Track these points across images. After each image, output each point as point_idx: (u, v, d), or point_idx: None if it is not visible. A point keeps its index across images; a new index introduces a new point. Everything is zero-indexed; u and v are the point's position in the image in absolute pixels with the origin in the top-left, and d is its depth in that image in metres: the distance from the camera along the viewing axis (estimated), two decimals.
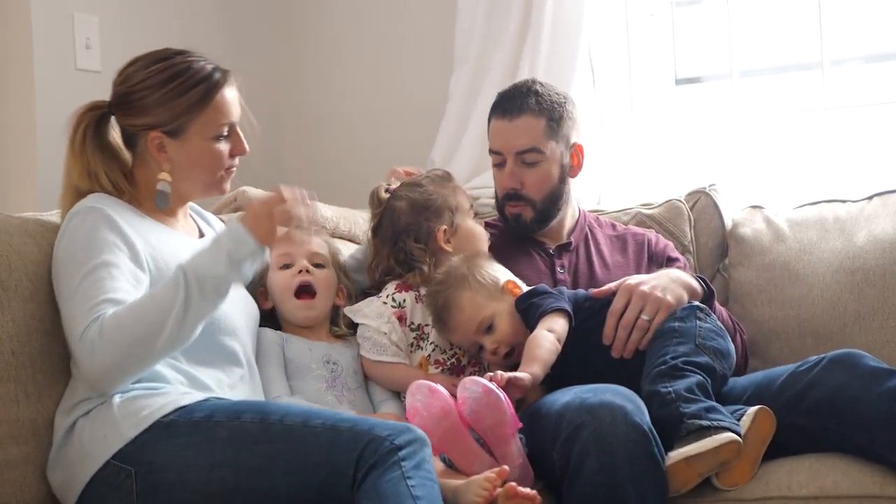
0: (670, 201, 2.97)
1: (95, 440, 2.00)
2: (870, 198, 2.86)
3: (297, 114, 3.67)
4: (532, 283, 2.46)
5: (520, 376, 2.14)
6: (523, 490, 1.97)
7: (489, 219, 2.78)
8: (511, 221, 2.65)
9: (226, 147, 2.26)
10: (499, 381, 2.09)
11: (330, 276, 2.43)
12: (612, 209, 3.01)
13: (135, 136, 2.23)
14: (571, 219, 2.72)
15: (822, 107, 3.15)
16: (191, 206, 2.40)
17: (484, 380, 2.09)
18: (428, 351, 2.39)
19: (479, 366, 2.42)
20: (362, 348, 2.38)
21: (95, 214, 2.12)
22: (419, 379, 2.22)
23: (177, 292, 1.99)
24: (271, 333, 2.37)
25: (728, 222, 2.96)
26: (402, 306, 2.40)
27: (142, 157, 2.23)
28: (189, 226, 2.35)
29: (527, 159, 2.59)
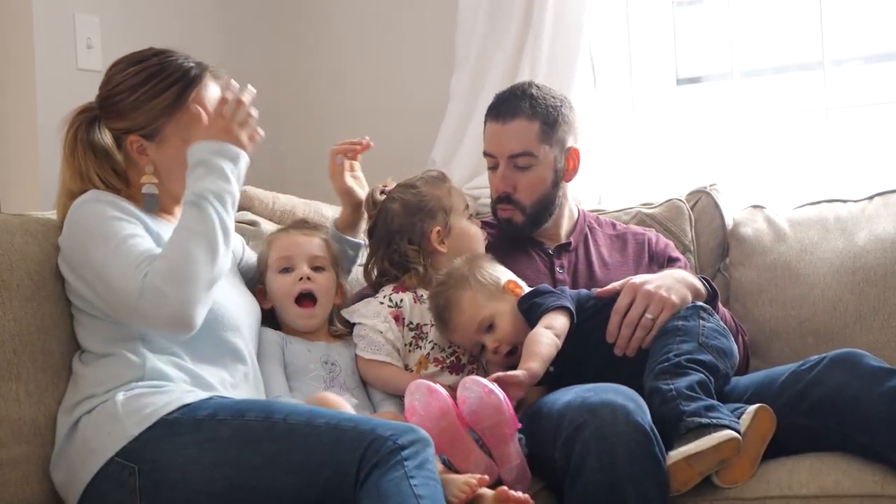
0: (671, 201, 2.97)
1: (99, 437, 2.00)
2: (871, 198, 2.86)
3: (298, 113, 3.67)
4: (531, 283, 2.46)
5: (514, 374, 2.14)
6: (515, 494, 1.97)
7: (489, 218, 2.78)
8: (503, 224, 2.65)
9: None
10: (500, 381, 2.10)
11: (330, 279, 2.42)
12: (613, 209, 3.01)
13: (119, 139, 2.22)
14: (569, 220, 2.72)
15: (823, 107, 3.15)
16: None
17: (485, 380, 2.09)
18: (427, 349, 2.39)
19: (477, 364, 2.43)
20: (358, 347, 2.39)
21: (102, 203, 2.12)
22: (407, 381, 2.24)
23: (203, 211, 2.04)
24: (272, 334, 2.37)
25: (729, 222, 2.96)
26: (399, 306, 2.41)
27: (129, 159, 2.22)
28: None
29: (519, 163, 2.59)
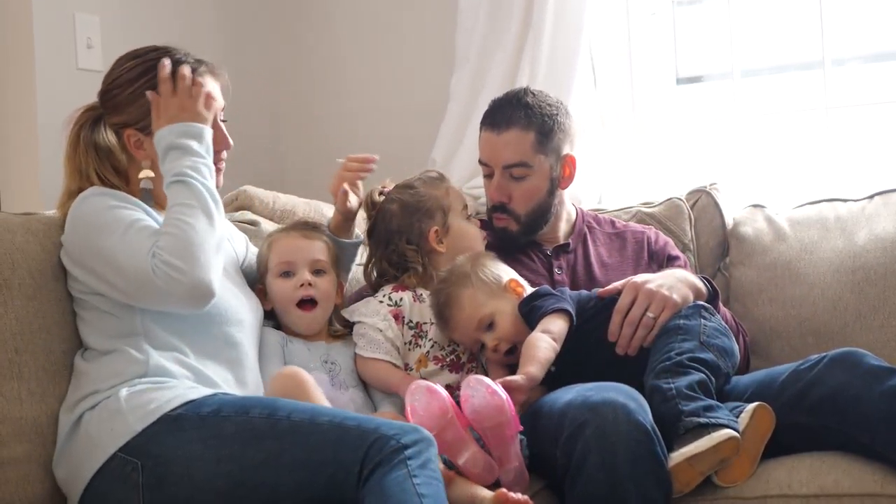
0: (670, 200, 2.97)
1: (102, 432, 2.00)
2: (871, 197, 2.86)
3: (298, 113, 3.67)
4: (530, 284, 2.46)
5: (514, 378, 2.14)
6: (514, 496, 1.97)
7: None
8: (498, 233, 2.64)
9: None
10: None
11: (331, 281, 2.41)
12: (613, 208, 3.01)
13: (120, 136, 2.23)
14: (567, 222, 2.71)
15: (823, 106, 3.14)
16: None
17: (489, 380, 2.09)
18: (427, 348, 2.39)
19: (477, 363, 2.43)
20: (357, 346, 2.39)
21: (103, 195, 2.14)
22: (398, 378, 2.26)
23: (188, 186, 2.08)
24: (273, 333, 2.37)
25: (729, 221, 2.96)
26: (398, 305, 2.41)
27: (129, 155, 2.23)
28: None
29: (514, 173, 2.57)
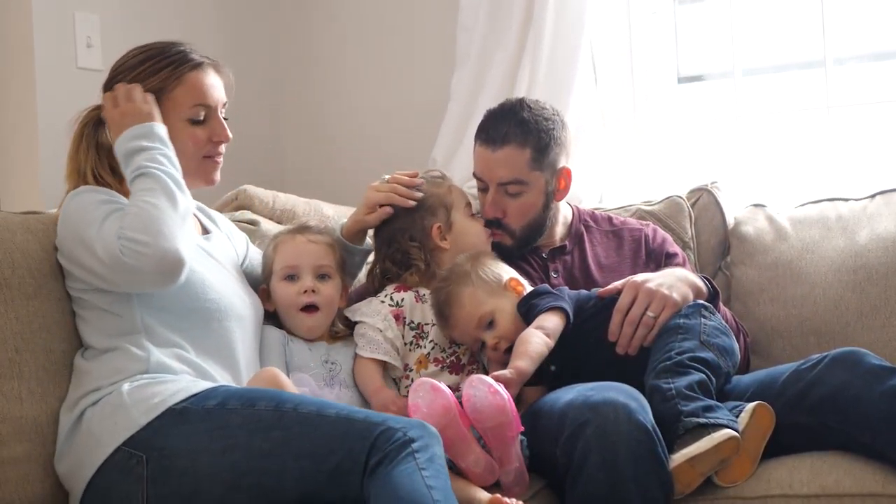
0: (670, 197, 2.96)
1: (105, 427, 2.01)
2: (872, 196, 2.86)
3: (298, 113, 3.67)
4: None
5: (502, 373, 2.14)
6: (509, 501, 1.97)
7: None
8: (493, 247, 2.60)
9: (203, 132, 2.26)
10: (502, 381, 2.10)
11: (335, 287, 2.40)
12: (613, 206, 3.01)
13: None
14: (563, 225, 2.69)
15: (824, 105, 3.14)
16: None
17: (491, 380, 2.09)
18: (427, 349, 2.39)
19: (478, 364, 2.42)
20: (357, 346, 2.38)
21: (93, 192, 2.16)
22: (376, 390, 2.28)
23: (145, 175, 2.10)
24: (275, 332, 2.37)
25: (730, 220, 2.96)
26: (399, 305, 2.40)
27: None
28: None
29: (510, 190, 2.54)
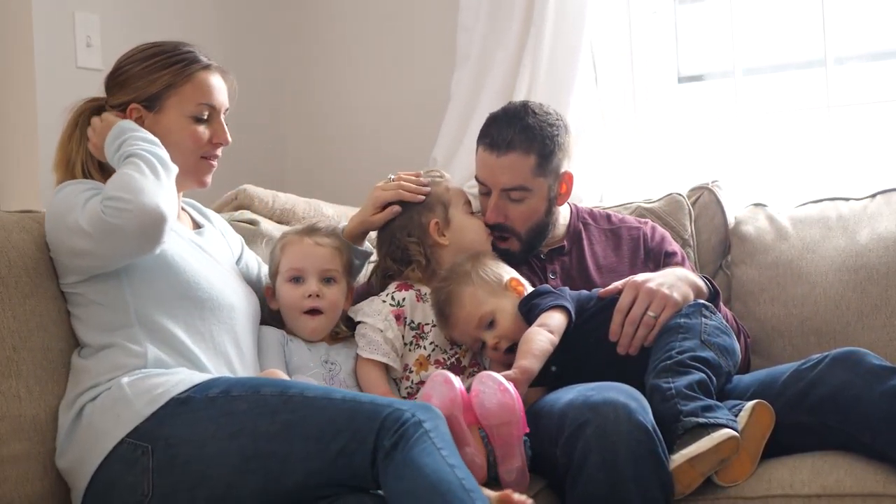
0: (670, 195, 2.96)
1: (107, 420, 2.01)
2: (873, 196, 2.86)
3: (299, 112, 3.67)
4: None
5: (507, 374, 2.14)
6: (518, 498, 1.96)
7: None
8: (499, 253, 2.57)
9: (205, 131, 2.27)
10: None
11: (340, 291, 2.40)
12: (613, 205, 3.00)
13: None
14: (562, 225, 2.68)
15: (825, 105, 3.14)
16: (186, 201, 2.41)
17: (502, 378, 2.09)
18: (428, 350, 2.39)
19: (479, 367, 2.42)
20: (358, 346, 2.38)
21: (78, 184, 2.16)
22: (382, 386, 2.29)
23: (124, 159, 2.10)
24: (275, 332, 2.37)
25: (730, 220, 2.96)
26: (401, 305, 2.40)
27: None
28: (181, 216, 2.35)
29: (513, 196, 2.53)
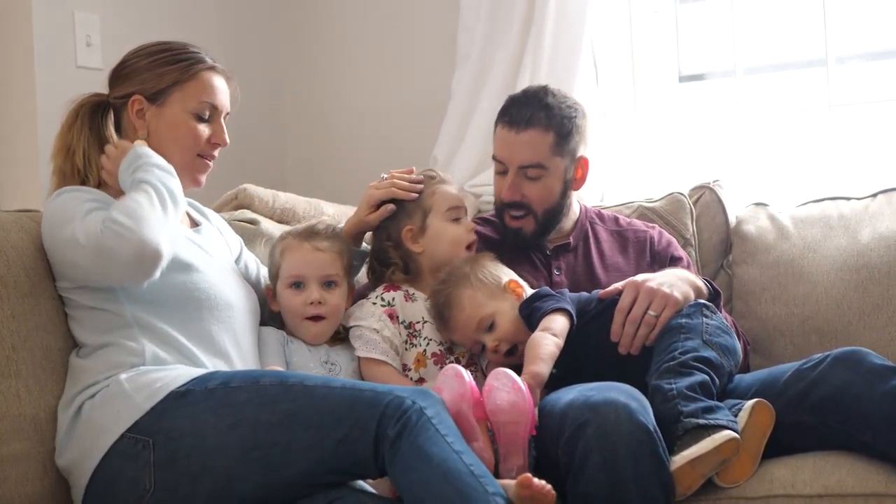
0: (672, 194, 2.96)
1: (107, 416, 2.01)
2: (874, 195, 2.86)
3: (299, 111, 3.67)
4: (528, 284, 2.45)
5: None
6: (538, 482, 1.95)
7: (488, 214, 2.76)
8: (510, 234, 2.61)
9: (205, 130, 2.28)
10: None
11: (341, 294, 2.39)
12: (615, 204, 3.00)
13: (121, 112, 2.27)
14: (571, 220, 2.69)
15: (826, 104, 3.14)
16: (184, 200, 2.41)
17: (516, 376, 2.09)
18: (423, 346, 2.39)
19: (476, 365, 2.42)
20: (356, 349, 2.38)
21: (76, 192, 2.16)
22: (402, 383, 2.26)
23: (136, 186, 2.09)
24: (275, 332, 2.37)
25: (732, 219, 2.95)
26: (391, 304, 2.40)
27: (128, 139, 2.26)
28: None
29: (529, 174, 2.55)
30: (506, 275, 2.40)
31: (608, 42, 3.27)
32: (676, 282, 2.35)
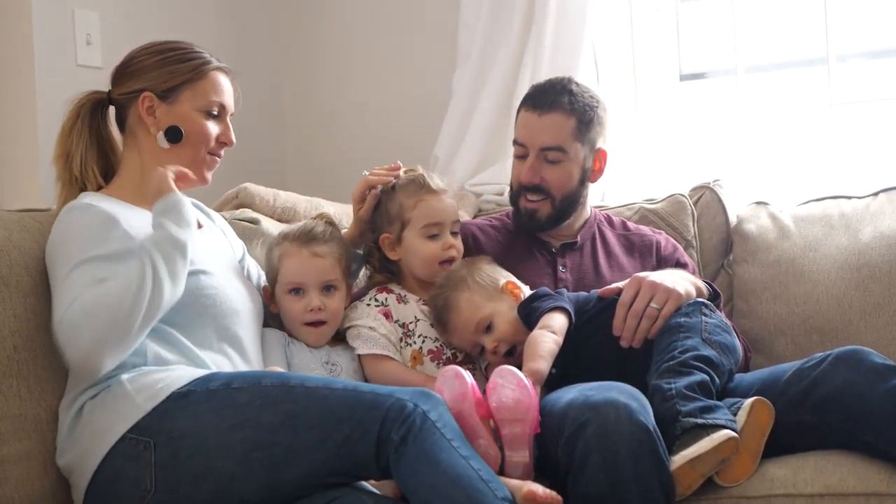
0: (673, 196, 2.96)
1: (108, 416, 2.01)
2: (875, 194, 2.86)
3: (300, 110, 3.67)
4: (533, 282, 2.45)
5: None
6: (543, 493, 1.96)
7: (493, 214, 2.75)
8: (524, 216, 2.61)
9: (214, 128, 2.29)
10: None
11: (341, 298, 2.39)
12: (616, 204, 3.00)
13: (126, 109, 2.27)
14: (581, 219, 2.69)
15: (827, 103, 3.14)
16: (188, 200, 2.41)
17: (522, 374, 2.09)
18: (418, 344, 2.39)
19: (473, 364, 2.42)
20: (356, 348, 2.38)
21: (93, 210, 2.14)
22: (413, 378, 2.27)
23: (143, 262, 2.03)
24: (275, 333, 2.37)
25: (732, 218, 2.95)
26: (385, 304, 2.41)
27: (132, 136, 2.27)
28: None
29: (549, 157, 2.56)
30: (503, 276, 2.40)
31: (609, 40, 3.27)
32: (678, 279, 2.36)
